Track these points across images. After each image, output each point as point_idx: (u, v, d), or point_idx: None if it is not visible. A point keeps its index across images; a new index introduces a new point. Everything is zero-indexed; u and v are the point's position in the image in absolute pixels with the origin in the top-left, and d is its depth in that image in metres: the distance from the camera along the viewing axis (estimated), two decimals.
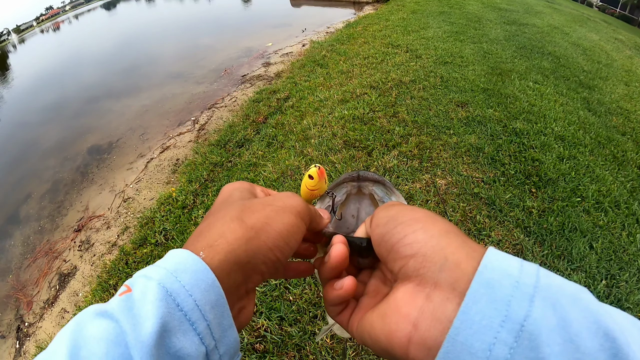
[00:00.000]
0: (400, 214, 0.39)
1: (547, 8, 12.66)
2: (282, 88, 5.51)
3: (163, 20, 22.34)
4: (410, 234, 0.35)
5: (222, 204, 0.45)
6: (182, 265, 0.36)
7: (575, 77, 5.64)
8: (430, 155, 3.27)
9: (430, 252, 0.33)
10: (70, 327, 0.32)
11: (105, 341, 0.30)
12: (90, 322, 0.32)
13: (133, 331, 0.31)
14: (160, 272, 0.36)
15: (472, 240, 0.35)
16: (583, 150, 3.40)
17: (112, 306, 0.34)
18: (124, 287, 0.35)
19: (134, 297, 0.34)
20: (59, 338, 0.32)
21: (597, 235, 2.53)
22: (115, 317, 0.32)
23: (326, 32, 9.88)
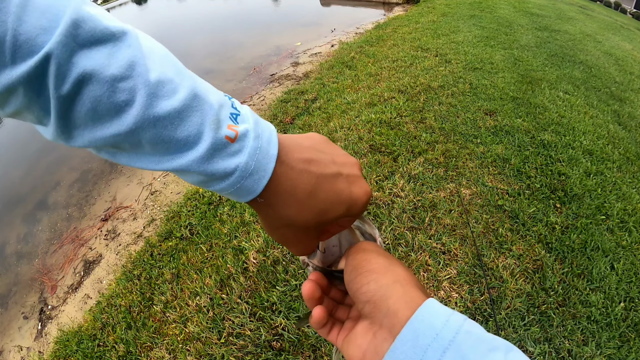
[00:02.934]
0: (360, 264, 0.46)
1: (579, 14, 12.42)
2: (310, 89, 5.56)
3: (193, 15, 22.52)
4: (365, 285, 0.44)
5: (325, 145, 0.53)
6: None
7: (607, 88, 5.56)
8: (456, 164, 3.29)
9: (379, 301, 0.42)
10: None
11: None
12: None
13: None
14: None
15: (414, 289, 0.42)
16: (611, 166, 3.37)
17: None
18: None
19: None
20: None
21: (619, 256, 2.51)
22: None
23: (355, 32, 9.88)
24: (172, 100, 0.37)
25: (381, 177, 3.19)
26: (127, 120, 0.35)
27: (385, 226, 2.70)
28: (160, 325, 2.44)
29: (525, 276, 2.35)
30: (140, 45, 0.37)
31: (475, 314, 2.14)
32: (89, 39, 0.33)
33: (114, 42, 0.35)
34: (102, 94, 0.34)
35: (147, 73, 0.36)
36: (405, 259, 2.46)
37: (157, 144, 0.38)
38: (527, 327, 2.09)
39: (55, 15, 0.32)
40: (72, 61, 0.32)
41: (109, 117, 0.35)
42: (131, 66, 0.35)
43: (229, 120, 0.41)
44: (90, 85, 0.33)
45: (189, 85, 0.39)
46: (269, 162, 0.42)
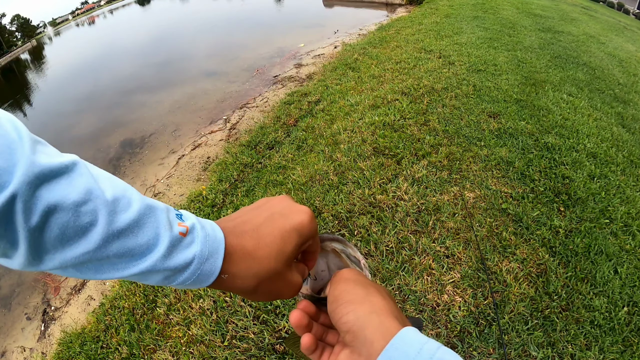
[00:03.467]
0: (340, 295, 0.50)
1: (582, 15, 12.42)
2: (313, 91, 5.57)
3: (196, 16, 22.57)
4: (344, 315, 0.47)
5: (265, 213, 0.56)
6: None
7: (610, 90, 5.55)
8: (460, 167, 3.28)
9: (357, 331, 0.45)
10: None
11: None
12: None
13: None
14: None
15: (390, 319, 0.45)
16: (615, 170, 3.36)
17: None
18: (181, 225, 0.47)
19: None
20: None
21: (623, 260, 2.50)
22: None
23: (358, 34, 9.89)
24: (129, 212, 0.41)
25: (385, 180, 3.19)
26: (94, 238, 0.39)
27: (389, 229, 2.70)
28: (164, 328, 2.45)
29: (529, 280, 2.34)
30: (90, 172, 0.41)
31: (478, 318, 2.14)
32: (47, 175, 0.36)
33: (68, 173, 0.39)
34: (68, 219, 0.37)
35: (103, 194, 0.40)
36: (409, 262, 2.46)
37: (122, 253, 0.41)
38: (531, 331, 2.08)
39: (10, 155, 0.34)
40: (36, 196, 0.35)
41: (77, 238, 0.38)
42: (89, 191, 0.39)
43: (177, 219, 0.46)
44: (57, 214, 0.36)
45: (139, 198, 0.43)
46: (219, 244, 0.47)
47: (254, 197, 3.49)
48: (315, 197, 3.13)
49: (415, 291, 2.30)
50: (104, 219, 0.39)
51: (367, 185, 3.14)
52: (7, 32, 65.72)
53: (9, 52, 52.43)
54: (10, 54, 47.79)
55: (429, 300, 2.25)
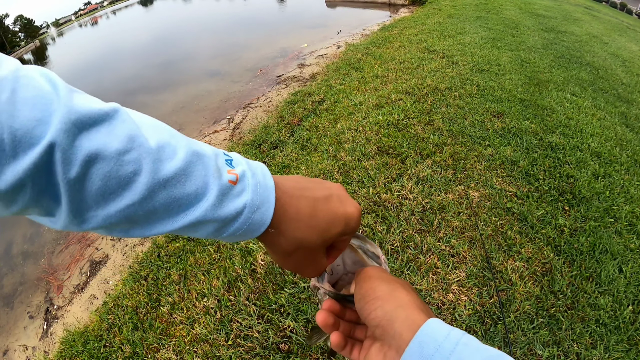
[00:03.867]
0: (367, 293, 0.51)
1: (585, 15, 12.40)
2: (317, 90, 5.57)
3: (199, 17, 22.61)
4: (373, 312, 0.49)
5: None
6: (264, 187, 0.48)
7: (614, 90, 5.54)
8: (465, 166, 3.28)
9: (386, 325, 0.47)
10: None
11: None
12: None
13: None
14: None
15: (416, 312, 0.47)
16: (619, 169, 3.35)
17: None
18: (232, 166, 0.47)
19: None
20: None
21: (628, 259, 2.49)
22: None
23: (361, 34, 9.89)
24: (175, 160, 0.40)
25: (389, 179, 3.18)
26: (139, 188, 0.38)
27: (393, 228, 2.70)
28: (167, 327, 2.45)
29: (534, 279, 2.34)
30: (133, 119, 0.40)
31: (484, 317, 2.14)
32: (86, 122, 0.35)
33: (109, 120, 0.37)
34: (111, 169, 0.36)
35: (146, 142, 0.39)
36: (414, 261, 2.46)
37: (169, 204, 0.40)
38: (536, 330, 2.08)
39: (46, 105, 0.34)
40: (75, 145, 0.34)
41: (121, 189, 0.37)
42: (131, 139, 0.37)
43: (226, 166, 0.45)
44: (98, 164, 0.35)
45: (185, 145, 0.42)
46: (270, 193, 0.47)
47: None
48: None
49: (420, 290, 2.29)
50: (148, 167, 0.38)
51: (371, 185, 3.14)
52: (10, 33, 65.98)
53: (12, 52, 52.71)
54: (13, 55, 48.10)
55: (434, 299, 2.24)
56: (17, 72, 0.34)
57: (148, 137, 0.39)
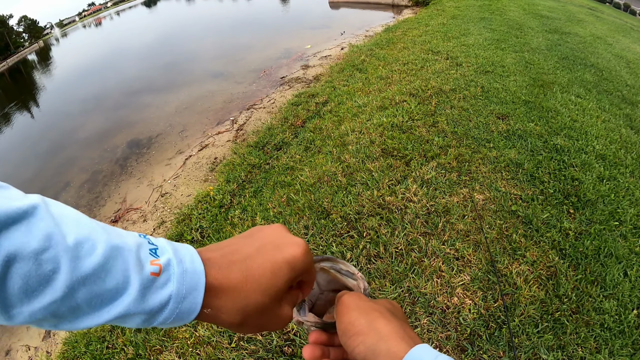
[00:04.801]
0: (347, 329, 0.52)
1: (589, 16, 12.37)
2: (320, 92, 5.57)
3: (203, 18, 22.65)
4: (356, 348, 0.49)
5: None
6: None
7: (618, 91, 5.52)
8: (469, 169, 3.27)
9: (370, 359, 0.47)
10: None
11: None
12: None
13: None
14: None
15: (398, 343, 0.47)
16: (624, 171, 3.34)
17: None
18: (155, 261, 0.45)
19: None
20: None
21: (633, 263, 2.48)
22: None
23: (365, 35, 9.90)
24: (93, 256, 0.39)
25: (393, 181, 3.18)
26: (59, 286, 0.37)
27: (398, 231, 2.69)
28: (170, 329, 2.45)
29: (539, 283, 2.33)
30: (52, 215, 0.39)
31: (488, 321, 2.13)
32: (5, 222, 0.35)
33: (27, 218, 0.37)
34: (30, 268, 0.35)
35: (64, 240, 0.38)
36: (418, 264, 2.45)
37: (91, 300, 0.39)
38: (541, 334, 2.07)
39: None
40: None
41: (42, 287, 0.37)
42: (48, 237, 0.37)
43: (149, 256, 0.44)
44: (17, 264, 0.35)
45: (105, 239, 0.41)
46: (200, 278, 0.45)
47: (261, 198, 3.49)
48: (323, 199, 3.12)
49: (425, 293, 2.29)
50: (66, 265, 0.37)
51: (375, 187, 3.14)
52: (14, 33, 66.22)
53: (16, 52, 52.87)
54: (18, 55, 48.20)
55: (438, 302, 2.24)
56: None
57: (66, 234, 0.39)
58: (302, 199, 3.19)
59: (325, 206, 3.04)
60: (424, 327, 2.14)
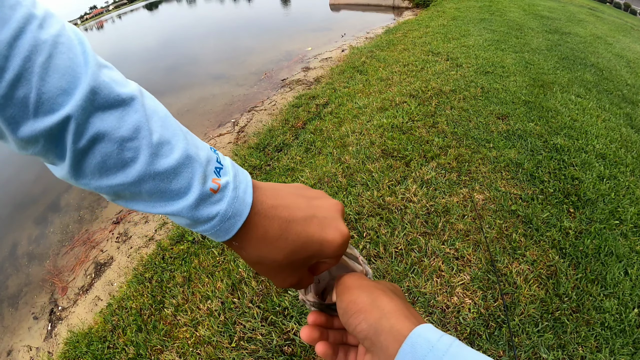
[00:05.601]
0: (349, 307, 0.51)
1: (589, 16, 12.35)
2: (321, 94, 5.57)
3: (204, 21, 22.68)
4: (358, 325, 0.48)
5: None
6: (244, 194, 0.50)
7: (619, 91, 5.51)
8: (469, 169, 3.27)
9: (373, 337, 0.46)
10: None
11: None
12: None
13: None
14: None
15: (401, 320, 0.46)
16: (624, 170, 3.34)
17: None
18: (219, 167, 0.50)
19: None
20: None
21: (633, 261, 2.48)
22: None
23: (365, 37, 9.91)
24: (169, 159, 0.44)
25: (394, 182, 3.18)
26: (132, 173, 0.42)
27: (398, 231, 2.70)
28: (171, 329, 2.45)
29: (539, 282, 2.33)
30: (145, 110, 0.44)
31: (488, 320, 2.13)
32: (103, 104, 0.39)
33: (123, 107, 0.41)
34: (112, 150, 0.40)
35: (150, 135, 0.42)
36: (418, 264, 2.45)
37: (154, 193, 0.44)
38: (541, 333, 2.07)
39: (73, 77, 0.38)
40: (88, 121, 0.38)
41: (116, 170, 0.41)
42: (137, 129, 0.41)
43: (213, 174, 0.48)
44: (102, 143, 0.39)
45: (183, 147, 0.45)
46: (245, 208, 0.49)
47: None
48: None
49: (424, 293, 2.29)
50: (144, 158, 0.42)
51: (375, 187, 3.14)
52: None
53: None
54: None
55: (438, 302, 2.24)
56: (58, 38, 0.38)
57: (152, 131, 0.43)
58: None
59: None
60: None
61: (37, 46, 0.36)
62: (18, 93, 0.35)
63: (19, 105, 0.35)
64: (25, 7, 0.36)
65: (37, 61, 0.35)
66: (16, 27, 0.35)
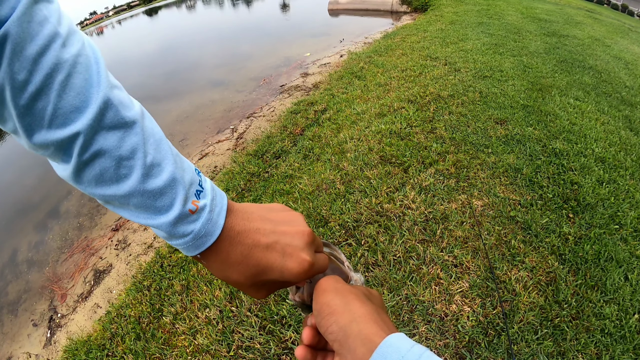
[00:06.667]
0: (322, 308, 0.52)
1: (587, 18, 12.38)
2: (319, 100, 5.57)
3: (204, 27, 22.75)
4: (329, 327, 0.49)
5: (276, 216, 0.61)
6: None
7: (617, 93, 5.51)
8: (468, 175, 3.27)
9: (342, 340, 0.47)
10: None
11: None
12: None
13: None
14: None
15: (371, 326, 0.47)
16: (623, 174, 3.33)
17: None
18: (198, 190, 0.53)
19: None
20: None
21: (634, 266, 2.47)
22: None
23: (364, 42, 9.93)
24: (158, 179, 0.48)
25: (392, 188, 3.17)
26: (123, 188, 0.46)
27: (396, 239, 2.69)
28: (170, 337, 2.44)
29: (538, 289, 2.32)
30: (144, 133, 0.48)
31: (487, 328, 2.12)
32: (109, 125, 0.44)
33: (125, 129, 0.46)
34: (110, 166, 0.45)
35: (144, 157, 0.47)
36: (416, 272, 2.45)
37: (140, 207, 0.48)
38: (540, 341, 2.06)
39: (86, 97, 0.42)
40: (94, 138, 0.43)
41: (110, 183, 0.46)
42: (134, 151, 0.46)
43: (194, 196, 0.52)
44: (103, 159, 0.44)
45: (171, 170, 0.50)
46: (216, 229, 0.53)
47: None
48: (321, 207, 3.12)
49: (423, 301, 2.28)
50: (137, 177, 0.46)
51: (374, 194, 3.13)
52: None
53: None
54: None
55: (437, 310, 2.23)
56: (77, 58, 0.42)
57: (147, 154, 0.47)
58: (301, 207, 3.18)
59: (324, 214, 3.03)
60: (422, 334, 2.13)
61: (58, 65, 0.40)
62: (37, 105, 0.39)
63: (36, 116, 0.40)
64: (51, 24, 0.40)
65: (57, 79, 0.40)
66: (42, 45, 0.39)
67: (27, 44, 0.37)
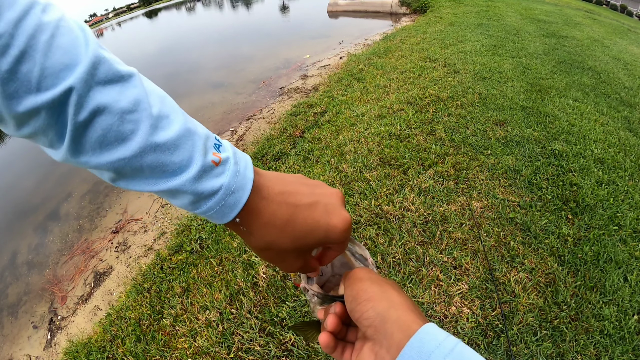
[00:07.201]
0: (359, 294, 0.52)
1: (586, 19, 12.40)
2: (319, 102, 5.57)
3: (203, 29, 22.75)
4: (365, 312, 0.49)
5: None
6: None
7: (616, 94, 5.51)
8: (467, 176, 3.27)
9: (378, 325, 0.48)
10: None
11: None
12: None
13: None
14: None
15: (407, 313, 0.48)
16: (623, 175, 3.33)
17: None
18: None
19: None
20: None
21: (633, 267, 2.47)
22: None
23: (363, 44, 9.93)
24: (169, 131, 0.45)
25: (391, 190, 3.18)
26: (132, 146, 0.43)
27: (395, 241, 2.69)
28: (170, 339, 2.45)
29: (538, 290, 2.32)
30: (144, 86, 0.45)
31: (486, 330, 2.12)
32: (104, 79, 0.41)
33: (123, 82, 0.43)
34: (113, 123, 0.41)
35: (149, 108, 0.44)
36: (416, 274, 2.45)
37: (155, 167, 0.45)
38: (539, 342, 2.06)
39: (75, 54, 0.40)
40: (89, 95, 0.40)
41: (117, 143, 0.42)
42: (137, 102, 0.43)
43: (213, 148, 0.49)
44: (103, 116, 0.41)
45: (182, 121, 0.47)
46: (247, 183, 0.50)
47: None
48: None
49: (422, 303, 2.28)
50: (145, 130, 0.43)
51: (373, 196, 3.14)
52: None
53: None
54: None
55: (436, 312, 2.23)
56: (60, 22, 0.40)
57: (152, 105, 0.44)
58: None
59: None
60: None
61: (40, 26, 0.38)
62: (22, 68, 0.37)
63: (22, 80, 0.37)
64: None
65: (40, 39, 0.38)
66: (21, 10, 0.37)
67: (5, 10, 0.36)
